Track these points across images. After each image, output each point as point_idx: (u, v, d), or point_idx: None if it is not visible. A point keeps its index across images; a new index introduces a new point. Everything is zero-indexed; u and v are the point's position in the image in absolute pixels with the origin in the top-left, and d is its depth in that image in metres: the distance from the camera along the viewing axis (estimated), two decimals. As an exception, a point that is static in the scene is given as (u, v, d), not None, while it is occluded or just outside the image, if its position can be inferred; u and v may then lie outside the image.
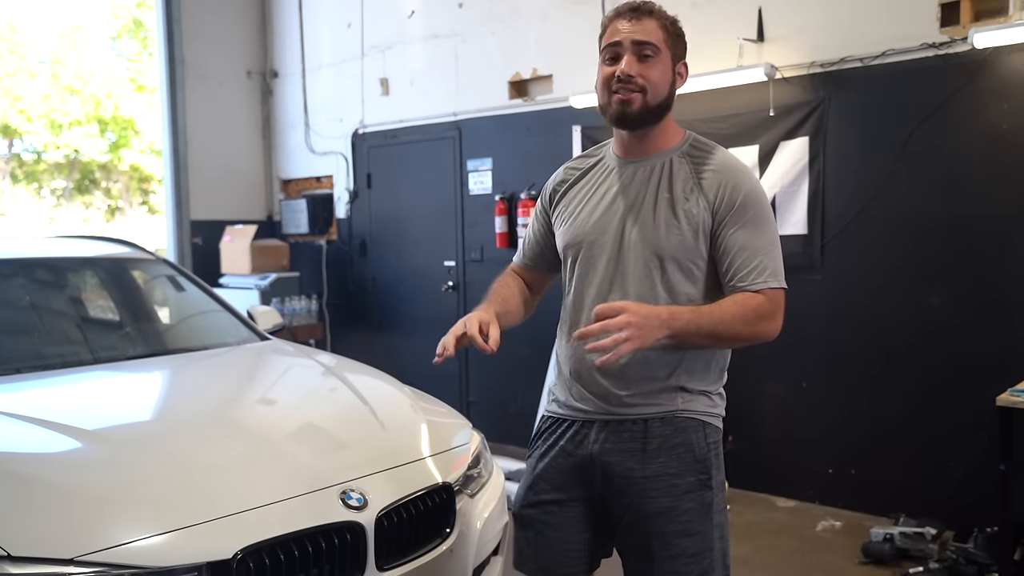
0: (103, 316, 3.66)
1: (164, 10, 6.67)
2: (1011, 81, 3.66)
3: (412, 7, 6.02)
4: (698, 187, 1.77)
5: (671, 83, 1.80)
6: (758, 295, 1.71)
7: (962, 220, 3.81)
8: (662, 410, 1.79)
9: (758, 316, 1.70)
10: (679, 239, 1.75)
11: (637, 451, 1.79)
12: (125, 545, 1.85)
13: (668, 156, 1.82)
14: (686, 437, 1.79)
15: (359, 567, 2.12)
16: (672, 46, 1.79)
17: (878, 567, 3.54)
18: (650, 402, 1.79)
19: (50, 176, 15.52)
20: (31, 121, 13.90)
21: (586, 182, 1.92)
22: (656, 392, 1.79)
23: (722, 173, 1.77)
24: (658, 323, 1.61)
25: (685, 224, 1.75)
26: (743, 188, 1.76)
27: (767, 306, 1.72)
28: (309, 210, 6.68)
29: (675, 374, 1.79)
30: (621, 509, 1.82)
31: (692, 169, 1.79)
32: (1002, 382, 3.18)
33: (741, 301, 1.70)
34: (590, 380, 1.83)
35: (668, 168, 1.80)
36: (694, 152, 1.82)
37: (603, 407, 1.82)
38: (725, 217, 1.75)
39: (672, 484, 1.77)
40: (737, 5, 4.40)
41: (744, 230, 1.74)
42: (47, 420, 2.38)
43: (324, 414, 2.74)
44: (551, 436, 1.92)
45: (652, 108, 1.77)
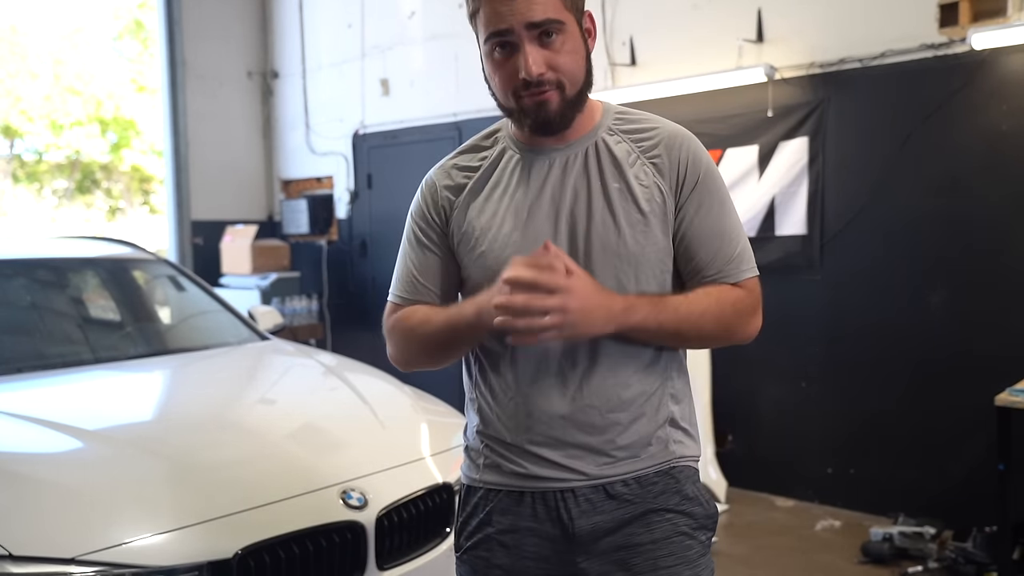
0: (104, 316, 3.66)
1: (165, 11, 6.68)
2: (1010, 82, 3.66)
3: (412, 8, 6.03)
4: (651, 167, 1.38)
5: (586, 55, 1.36)
6: (736, 288, 1.38)
7: (961, 220, 3.82)
8: (656, 461, 1.39)
9: (737, 313, 1.38)
10: (652, 239, 1.37)
11: (638, 515, 1.37)
12: (126, 544, 1.86)
13: (595, 136, 1.40)
14: (687, 490, 1.41)
15: (359, 566, 2.13)
16: (572, 5, 1.32)
17: (877, 566, 3.54)
18: (640, 449, 1.38)
19: (51, 176, 15.53)
20: (32, 121, 13.91)
21: (493, 186, 1.43)
22: (645, 435, 1.38)
23: (672, 142, 1.39)
24: (605, 317, 1.27)
25: (653, 219, 1.36)
26: (702, 156, 1.40)
27: (747, 300, 1.39)
28: (310, 210, 6.68)
29: (663, 403, 1.40)
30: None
31: (633, 147, 1.39)
32: (1001, 382, 3.18)
33: (716, 295, 1.36)
34: (555, 436, 1.36)
35: (605, 150, 1.39)
36: (626, 126, 1.42)
37: (582, 470, 1.36)
38: (688, 197, 1.38)
39: (686, 546, 1.38)
40: (736, 6, 4.41)
41: (713, 211, 1.39)
42: (48, 420, 2.39)
43: (324, 414, 2.74)
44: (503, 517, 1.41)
45: (573, 101, 1.34)
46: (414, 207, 1.53)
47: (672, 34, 4.68)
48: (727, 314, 1.37)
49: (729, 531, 3.99)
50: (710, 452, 4.33)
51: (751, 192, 4.40)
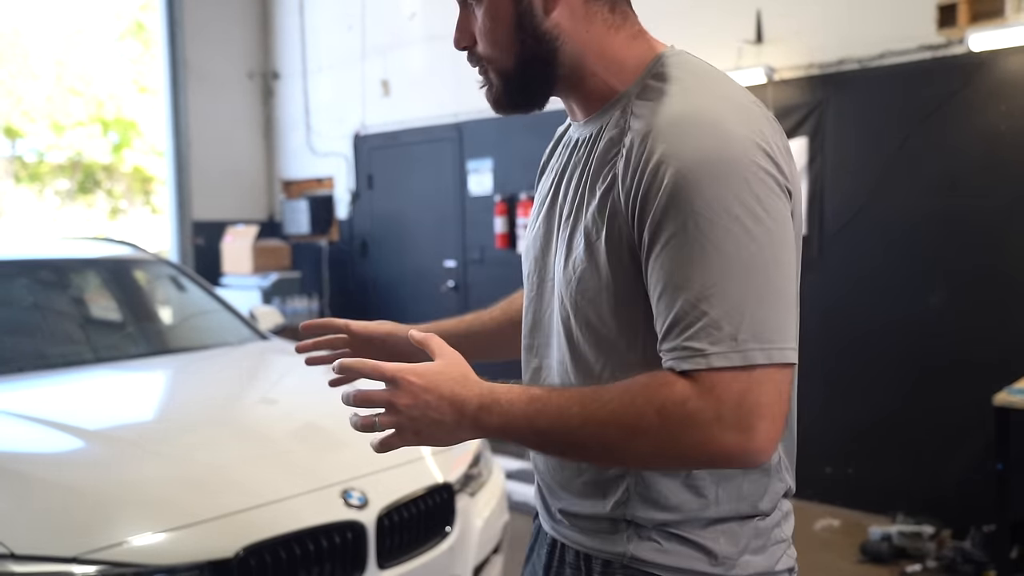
0: (105, 316, 3.68)
1: (166, 12, 6.70)
2: (1008, 82, 3.67)
3: (412, 9, 6.04)
4: (612, 165, 0.98)
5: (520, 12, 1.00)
6: (679, 381, 0.89)
7: (960, 221, 3.82)
8: (606, 549, 1.04)
9: (665, 422, 0.88)
10: (591, 263, 0.98)
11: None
12: (127, 543, 1.87)
13: (616, 107, 1.02)
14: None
15: (360, 566, 2.14)
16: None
17: (876, 566, 3.55)
18: (594, 529, 1.06)
19: (53, 177, 15.54)
20: (34, 122, 13.93)
21: (544, 170, 1.21)
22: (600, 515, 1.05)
23: (650, 134, 0.94)
24: (453, 417, 0.92)
25: (595, 235, 0.98)
26: (676, 159, 0.90)
27: (692, 404, 0.87)
28: (310, 211, 6.69)
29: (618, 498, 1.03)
30: None
31: (619, 133, 0.99)
32: (1000, 381, 3.19)
33: (641, 387, 0.90)
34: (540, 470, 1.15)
35: (602, 134, 1.03)
36: (644, 98, 0.99)
37: (547, 517, 1.15)
38: (649, 219, 0.92)
39: None
40: (736, 7, 4.42)
41: (680, 248, 0.90)
42: (50, 419, 2.40)
43: (325, 413, 2.75)
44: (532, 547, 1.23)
45: (513, 80, 1.04)
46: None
47: (671, 34, 4.63)
48: (649, 424, 0.88)
49: (729, 531, 3.99)
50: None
51: (750, 192, 4.40)
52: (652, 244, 0.92)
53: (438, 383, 0.93)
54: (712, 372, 0.87)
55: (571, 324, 1.03)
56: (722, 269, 0.88)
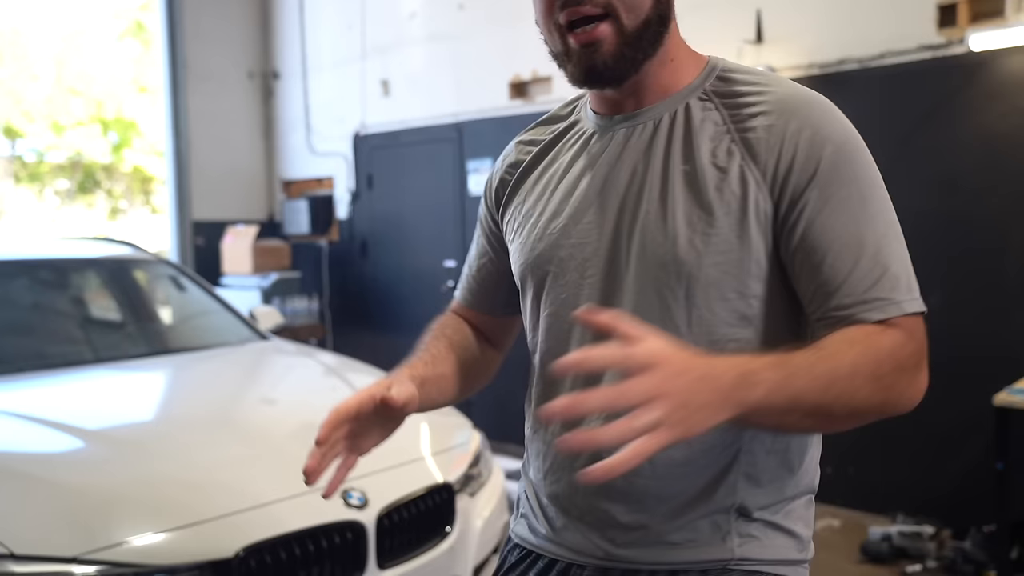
0: (105, 316, 3.68)
1: (166, 12, 6.70)
2: (1008, 83, 3.67)
3: (412, 9, 6.04)
4: (743, 147, 0.98)
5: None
6: (889, 330, 0.91)
7: (960, 221, 3.82)
8: (703, 558, 0.99)
9: (899, 368, 0.90)
10: (716, 245, 0.96)
11: None
12: (127, 543, 1.87)
13: (681, 101, 1.03)
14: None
15: (360, 566, 2.14)
16: None
17: (876, 566, 3.55)
18: (682, 539, 0.99)
19: (52, 177, 15.54)
20: (33, 122, 13.93)
21: (550, 163, 1.13)
22: (692, 521, 0.99)
23: (785, 114, 0.98)
24: (718, 397, 0.79)
25: (723, 217, 0.96)
26: (830, 135, 0.99)
27: (909, 347, 0.91)
28: (310, 211, 6.69)
29: (727, 482, 0.99)
30: None
31: (727, 116, 1.00)
32: (1000, 381, 3.19)
33: (864, 340, 0.89)
34: (577, 500, 1.04)
35: (683, 122, 1.01)
36: (725, 88, 1.02)
37: (600, 546, 1.03)
38: (804, 189, 0.96)
39: None
40: (736, 7, 4.42)
41: (840, 211, 0.96)
42: (50, 419, 2.40)
43: (325, 413, 2.75)
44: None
45: (635, 37, 0.98)
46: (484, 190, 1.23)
47: (672, 35, 4.69)
48: (886, 370, 0.88)
49: None
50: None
51: (751, 192, 4.40)
52: (808, 211, 0.95)
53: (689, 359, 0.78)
54: (907, 318, 0.92)
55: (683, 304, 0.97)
56: (886, 229, 0.99)
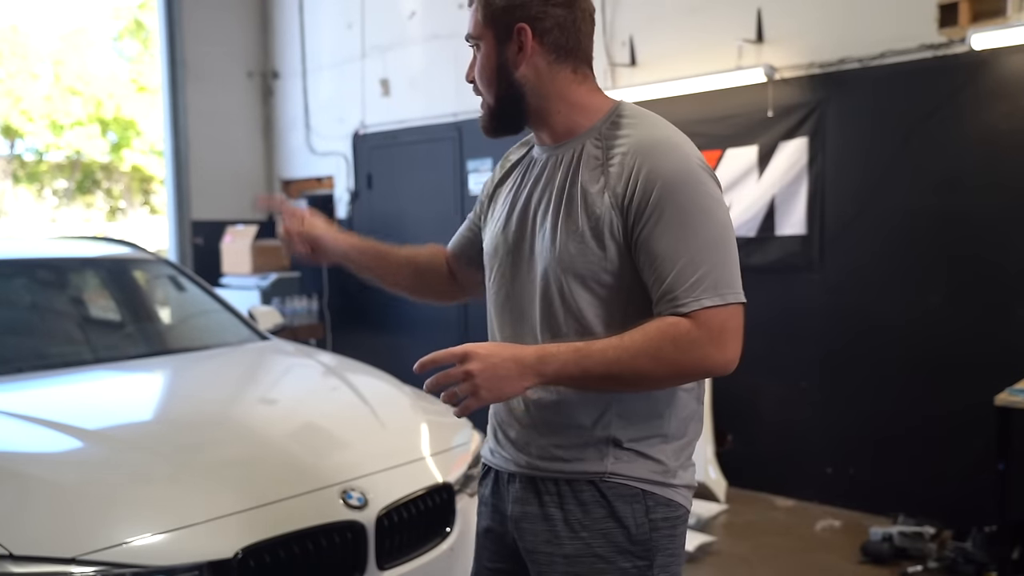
0: (104, 316, 3.67)
1: (165, 11, 6.69)
2: (1009, 82, 3.66)
3: (412, 8, 6.03)
4: (604, 175, 1.35)
5: (500, 67, 1.42)
6: (681, 320, 1.28)
7: (961, 220, 3.82)
8: (585, 470, 1.38)
9: (678, 348, 1.26)
10: (579, 247, 1.34)
11: (557, 520, 1.39)
12: (126, 544, 1.86)
13: (582, 140, 1.41)
14: (617, 509, 1.37)
15: (360, 566, 2.13)
16: (493, 22, 1.42)
17: (877, 566, 3.54)
18: (572, 457, 1.39)
19: (52, 177, 15.54)
20: (33, 122, 13.92)
21: (514, 177, 1.54)
22: (579, 445, 1.38)
23: (634, 154, 1.33)
24: (516, 370, 1.26)
25: (586, 226, 1.33)
26: (661, 171, 1.31)
27: (694, 334, 1.27)
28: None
29: (602, 421, 1.37)
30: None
31: (603, 153, 1.37)
32: (1001, 382, 3.18)
33: (655, 330, 1.28)
34: (508, 422, 1.47)
35: (578, 156, 1.39)
36: (610, 132, 1.39)
37: (520, 457, 1.44)
38: (640, 213, 1.31)
39: (597, 569, 1.37)
40: (736, 6, 4.41)
41: (666, 230, 1.29)
42: (49, 420, 2.39)
43: (325, 414, 2.75)
44: (484, 488, 1.58)
45: (494, 108, 1.45)
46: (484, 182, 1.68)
47: (672, 34, 4.69)
48: (666, 351, 1.27)
49: (729, 531, 3.99)
50: (710, 452, 4.33)
51: (750, 192, 4.40)
52: (645, 229, 1.31)
53: (499, 349, 1.29)
54: (703, 311, 1.27)
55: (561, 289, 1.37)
56: (699, 244, 1.29)
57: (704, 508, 4.08)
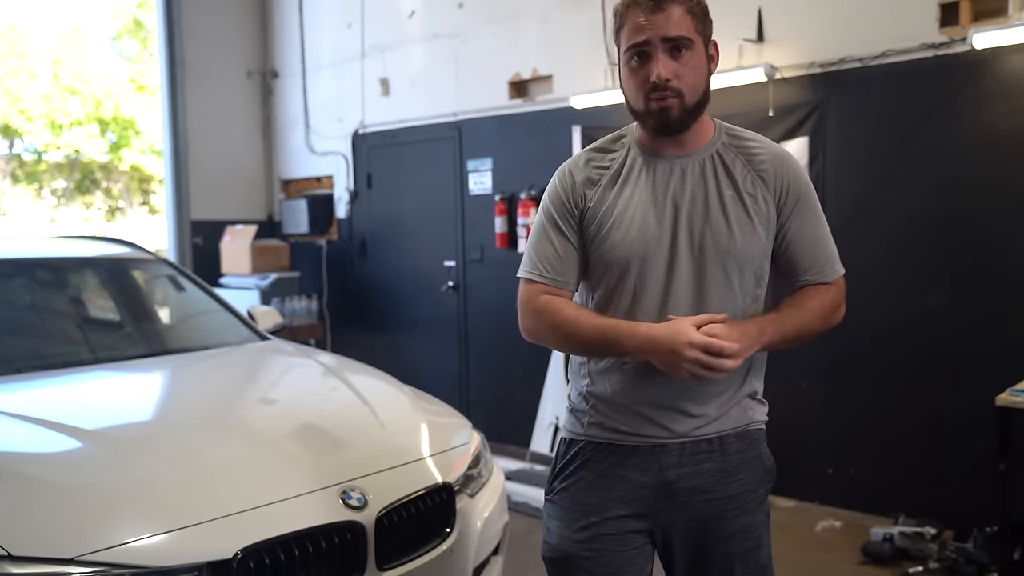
0: (104, 316, 3.66)
1: (164, 11, 6.68)
2: (1010, 82, 3.66)
3: (412, 7, 6.02)
4: (759, 180, 1.64)
5: (707, 74, 1.63)
6: (831, 287, 1.71)
7: (961, 220, 3.81)
8: (736, 425, 1.68)
9: (834, 308, 1.71)
10: (755, 240, 1.63)
11: (716, 471, 1.66)
12: (125, 545, 1.86)
13: (712, 148, 1.66)
14: (758, 449, 1.73)
15: (359, 567, 2.12)
16: (703, 31, 1.59)
17: (878, 567, 3.54)
18: (725, 416, 1.67)
19: (51, 176, 15.53)
20: (32, 121, 13.90)
21: (623, 182, 1.66)
22: (731, 405, 1.67)
23: (778, 163, 1.66)
24: (748, 344, 1.55)
25: (758, 223, 1.63)
26: (801, 176, 1.68)
27: (839, 296, 1.73)
28: (309, 210, 6.68)
29: (747, 380, 1.70)
30: (692, 534, 1.68)
31: (744, 162, 1.65)
32: (1002, 382, 3.18)
33: (818, 296, 1.68)
34: (658, 401, 1.64)
35: (720, 162, 1.65)
36: (737, 142, 1.68)
37: (676, 429, 1.65)
38: (790, 211, 1.65)
39: (749, 499, 1.70)
40: (737, 6, 4.40)
41: (810, 221, 1.67)
42: (48, 420, 2.38)
43: (324, 414, 2.74)
44: (599, 464, 1.69)
45: (692, 109, 1.61)
46: (552, 195, 1.72)
47: (672, 34, 4.67)
48: (828, 311, 1.69)
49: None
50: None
51: (751, 192, 4.39)
52: (794, 221, 1.67)
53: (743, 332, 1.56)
54: (839, 279, 1.75)
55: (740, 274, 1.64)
56: (826, 231, 1.73)
57: (704, 508, 4.07)
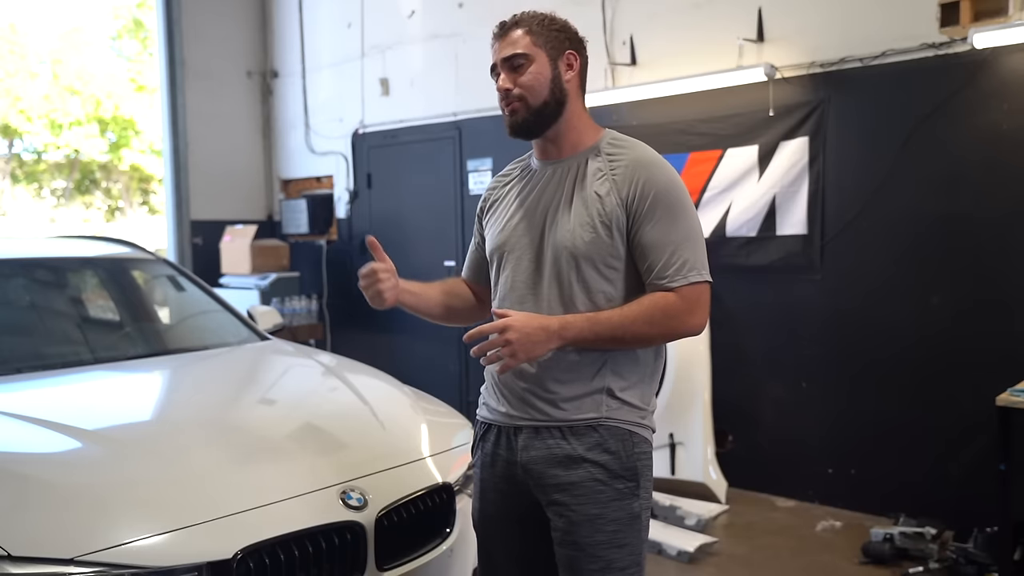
0: (103, 316, 3.65)
1: (164, 10, 6.68)
2: (1011, 81, 3.66)
3: (412, 7, 6.02)
4: (611, 183, 1.74)
5: (552, 79, 1.77)
6: (669, 294, 1.69)
7: (961, 220, 3.81)
8: (586, 417, 1.75)
9: (667, 316, 1.68)
10: (592, 237, 1.72)
11: (563, 457, 1.75)
12: (125, 545, 1.85)
13: (585, 156, 1.81)
14: (613, 444, 1.75)
15: (359, 567, 2.12)
16: (545, 44, 1.78)
17: (878, 567, 3.54)
18: (574, 406, 1.75)
19: (50, 176, 15.52)
20: (31, 121, 13.90)
21: (512, 188, 1.92)
22: (581, 396, 1.75)
23: (634, 168, 1.74)
24: (545, 336, 1.64)
25: (598, 221, 1.72)
26: (656, 182, 1.72)
27: (678, 304, 1.69)
28: (309, 210, 6.68)
29: (600, 375, 1.75)
30: (552, 517, 1.78)
31: (606, 165, 1.77)
32: (1002, 382, 3.18)
33: (649, 302, 1.69)
34: (513, 384, 1.80)
35: (583, 166, 1.79)
36: (610, 149, 1.80)
37: (527, 412, 1.78)
38: (638, 213, 1.72)
39: (598, 491, 1.73)
40: (737, 5, 4.40)
41: (658, 225, 1.71)
42: (47, 420, 2.38)
43: (324, 414, 2.74)
44: (485, 444, 1.90)
45: (538, 110, 1.77)
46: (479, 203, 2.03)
47: (672, 34, 4.68)
48: (657, 318, 1.69)
49: (729, 531, 3.98)
50: (710, 452, 4.32)
51: (751, 192, 4.39)
52: (643, 223, 1.72)
53: (530, 319, 1.66)
54: (685, 287, 1.70)
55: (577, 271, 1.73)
56: (681, 236, 1.72)
57: (704, 509, 4.07)
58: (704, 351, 4.39)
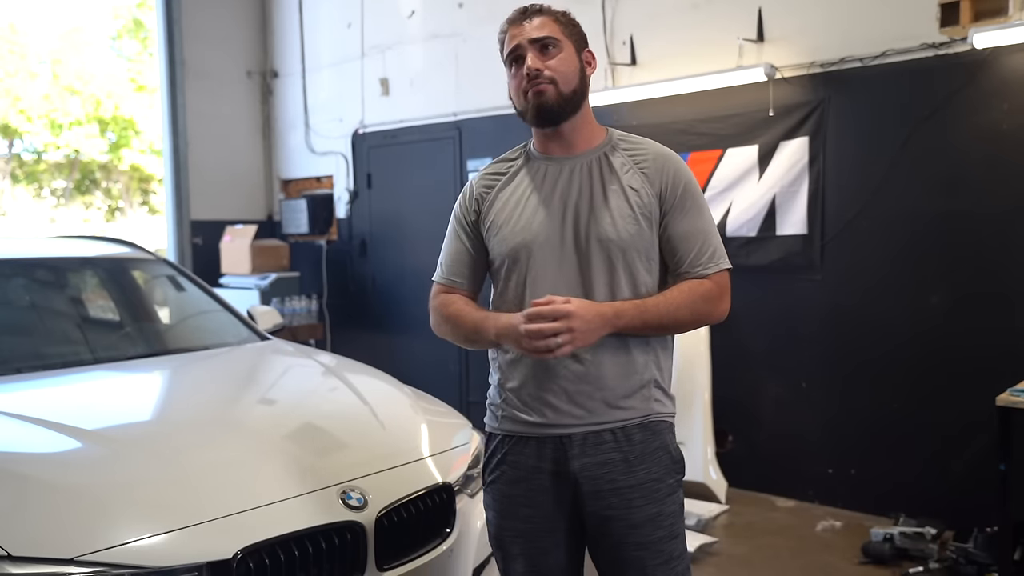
0: (103, 316, 3.66)
1: (164, 10, 6.68)
2: (1011, 81, 3.66)
3: (412, 7, 6.02)
4: (642, 176, 1.77)
5: (580, 71, 1.78)
6: (705, 281, 1.75)
7: (962, 220, 3.81)
8: (639, 415, 1.76)
9: (705, 301, 1.74)
10: (637, 229, 1.74)
11: (620, 461, 1.74)
12: (125, 545, 1.85)
13: (601, 150, 1.81)
14: (663, 440, 1.78)
15: (359, 567, 2.12)
16: (570, 36, 1.78)
17: (878, 567, 3.54)
18: (628, 406, 1.75)
19: (50, 176, 15.52)
20: (31, 121, 13.90)
21: (516, 185, 1.84)
22: (633, 394, 1.75)
23: (663, 161, 1.78)
24: (601, 323, 1.65)
25: (639, 214, 1.74)
26: (684, 175, 1.78)
27: (715, 290, 1.75)
28: (309, 210, 6.68)
29: (647, 366, 1.77)
30: (604, 523, 1.75)
31: (629, 160, 1.79)
32: (1002, 382, 3.17)
33: (688, 289, 1.74)
34: (559, 389, 1.75)
35: (606, 161, 1.79)
36: (625, 144, 1.82)
37: (579, 417, 1.74)
38: (672, 204, 1.76)
39: (656, 489, 1.76)
40: (737, 5, 4.40)
41: (690, 216, 1.76)
42: (47, 420, 2.38)
43: (324, 414, 2.74)
44: (512, 457, 1.82)
45: (567, 97, 1.75)
46: (456, 206, 1.93)
47: (672, 34, 4.68)
48: (698, 304, 1.74)
49: (729, 531, 3.98)
50: (710, 452, 4.32)
51: (751, 192, 4.39)
52: (675, 214, 1.77)
53: (590, 306, 1.66)
54: (716, 274, 1.77)
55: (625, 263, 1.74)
56: (710, 225, 1.80)
57: (705, 509, 4.07)
58: (704, 351, 4.39)
